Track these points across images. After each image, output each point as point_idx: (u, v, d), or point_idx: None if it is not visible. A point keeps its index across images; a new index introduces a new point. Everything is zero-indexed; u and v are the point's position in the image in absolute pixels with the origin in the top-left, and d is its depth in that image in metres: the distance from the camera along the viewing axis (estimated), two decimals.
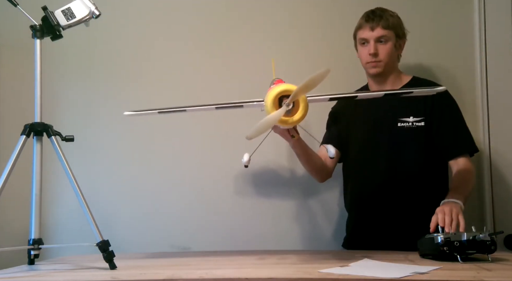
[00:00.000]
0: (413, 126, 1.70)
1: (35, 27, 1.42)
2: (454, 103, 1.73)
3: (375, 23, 1.70)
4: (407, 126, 1.71)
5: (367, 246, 1.69)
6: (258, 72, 2.14)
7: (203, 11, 2.24)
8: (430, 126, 1.70)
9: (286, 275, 1.14)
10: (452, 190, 1.60)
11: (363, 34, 1.73)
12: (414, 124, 1.70)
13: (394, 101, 1.71)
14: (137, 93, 2.22)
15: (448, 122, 1.70)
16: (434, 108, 1.70)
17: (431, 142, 1.70)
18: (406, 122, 1.71)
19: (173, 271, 1.25)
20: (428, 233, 1.38)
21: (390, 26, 1.70)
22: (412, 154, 1.71)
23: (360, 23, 1.76)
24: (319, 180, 1.89)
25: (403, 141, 1.71)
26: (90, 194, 1.47)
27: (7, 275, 1.29)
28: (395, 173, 1.72)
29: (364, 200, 1.79)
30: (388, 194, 1.72)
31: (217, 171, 2.17)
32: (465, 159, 1.68)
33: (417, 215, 1.60)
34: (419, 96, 1.64)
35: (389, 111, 1.73)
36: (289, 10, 2.17)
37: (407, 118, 1.71)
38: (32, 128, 1.40)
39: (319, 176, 1.87)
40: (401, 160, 1.72)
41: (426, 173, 1.72)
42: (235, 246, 2.06)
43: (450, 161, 1.70)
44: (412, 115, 1.71)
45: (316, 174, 1.85)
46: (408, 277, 1.06)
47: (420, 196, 1.69)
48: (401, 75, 1.81)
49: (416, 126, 1.70)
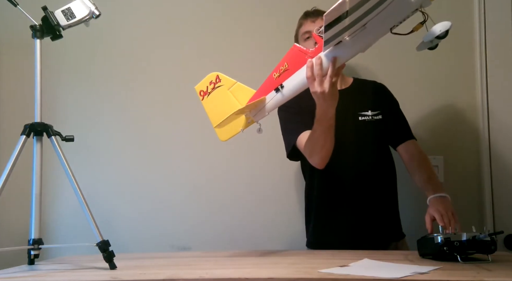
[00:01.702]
0: (372, 119, 1.78)
1: (35, 27, 1.42)
2: (395, 99, 1.88)
3: (315, 17, 1.78)
4: (367, 120, 1.77)
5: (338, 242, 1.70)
6: (259, 71, 2.14)
7: (204, 11, 2.25)
8: (386, 119, 1.79)
9: (286, 275, 1.14)
10: (429, 182, 1.68)
11: (305, 28, 1.79)
12: (373, 118, 1.78)
13: (352, 96, 1.76)
14: (137, 93, 2.23)
15: (396, 114, 1.85)
16: (385, 102, 1.83)
17: (386, 133, 1.80)
18: (366, 115, 1.78)
19: (173, 271, 1.25)
20: (428, 233, 1.39)
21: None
22: (375, 145, 1.78)
23: (300, 22, 1.83)
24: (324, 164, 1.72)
25: (366, 134, 1.76)
26: (90, 194, 1.47)
27: (7, 275, 1.29)
28: (362, 165, 1.75)
29: (335, 194, 1.77)
30: (357, 186, 1.74)
31: (217, 171, 2.17)
32: (415, 141, 1.82)
33: (383, 205, 1.75)
34: (371, 92, 1.84)
35: (349, 105, 1.74)
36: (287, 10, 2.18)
37: (366, 112, 1.78)
38: (32, 128, 1.40)
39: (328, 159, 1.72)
40: (366, 152, 1.76)
41: (386, 163, 1.81)
42: (235, 246, 2.06)
43: (399, 146, 1.81)
44: (370, 109, 1.78)
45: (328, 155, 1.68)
46: (408, 277, 1.06)
47: (383, 186, 1.78)
48: (344, 76, 1.85)
49: (375, 119, 1.78)
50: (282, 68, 1.44)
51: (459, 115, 2.15)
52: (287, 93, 1.44)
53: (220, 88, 1.50)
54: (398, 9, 1.26)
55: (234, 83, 1.50)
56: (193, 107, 2.18)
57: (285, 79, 1.43)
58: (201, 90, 1.53)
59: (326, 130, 1.56)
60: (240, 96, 1.48)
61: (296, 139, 1.73)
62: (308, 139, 1.64)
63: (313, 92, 1.41)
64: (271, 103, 1.46)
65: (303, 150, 1.71)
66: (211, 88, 1.51)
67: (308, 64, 1.39)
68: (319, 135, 1.58)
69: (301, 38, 1.81)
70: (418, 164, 1.76)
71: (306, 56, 1.41)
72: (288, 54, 1.46)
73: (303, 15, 1.84)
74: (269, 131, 1.58)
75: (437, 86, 2.14)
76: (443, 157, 2.12)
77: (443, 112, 2.14)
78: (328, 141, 1.60)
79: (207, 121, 2.16)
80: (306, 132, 1.68)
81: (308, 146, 1.65)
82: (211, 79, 1.51)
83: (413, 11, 1.27)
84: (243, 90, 1.49)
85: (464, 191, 2.09)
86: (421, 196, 1.71)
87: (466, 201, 2.07)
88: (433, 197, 1.61)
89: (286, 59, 1.45)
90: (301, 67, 1.41)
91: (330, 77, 1.37)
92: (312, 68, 1.38)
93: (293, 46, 1.46)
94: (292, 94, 1.45)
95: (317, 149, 1.63)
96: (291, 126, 1.78)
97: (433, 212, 1.53)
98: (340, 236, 1.73)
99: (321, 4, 1.78)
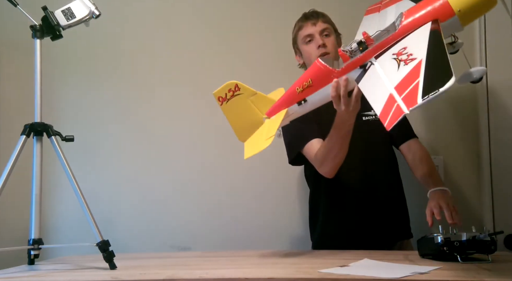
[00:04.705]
0: (376, 119, 1.74)
1: (35, 27, 1.42)
2: None
3: (315, 19, 1.75)
4: (371, 119, 1.76)
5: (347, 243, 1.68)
6: (259, 71, 2.15)
7: (205, 11, 2.25)
8: None
9: (286, 275, 1.14)
10: (430, 176, 1.68)
11: (306, 31, 1.75)
12: (377, 117, 1.74)
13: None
14: (137, 92, 2.23)
15: None
16: None
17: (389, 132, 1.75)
18: (369, 115, 1.76)
19: (173, 271, 1.25)
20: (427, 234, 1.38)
21: (328, 21, 1.77)
22: (380, 144, 1.78)
23: (300, 25, 1.79)
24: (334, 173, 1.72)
25: (370, 134, 1.74)
26: (90, 194, 1.47)
27: (7, 275, 1.29)
28: (370, 165, 1.74)
29: (343, 195, 1.75)
30: (366, 187, 1.73)
31: (217, 171, 2.17)
32: (417, 139, 1.82)
33: (392, 204, 1.75)
34: None
35: None
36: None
37: (369, 111, 1.75)
38: (32, 128, 1.40)
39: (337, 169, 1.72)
40: (372, 151, 1.75)
41: (392, 162, 1.81)
42: (235, 246, 2.06)
43: (402, 144, 1.80)
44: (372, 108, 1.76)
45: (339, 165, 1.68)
46: (408, 277, 1.06)
47: (392, 186, 1.78)
48: None
49: (379, 119, 1.73)
50: (306, 83, 1.43)
51: (459, 115, 2.15)
52: (309, 107, 1.47)
53: (239, 96, 1.50)
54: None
55: (254, 93, 1.51)
56: (193, 107, 2.20)
57: (308, 94, 1.44)
58: (219, 96, 1.52)
59: (343, 137, 1.55)
60: (261, 105, 1.50)
61: (301, 146, 1.72)
62: (323, 146, 1.63)
63: (337, 108, 1.43)
64: (293, 115, 1.49)
65: (312, 158, 1.69)
66: (230, 95, 1.51)
67: (334, 85, 1.38)
68: (335, 142, 1.56)
69: (302, 42, 1.77)
70: (420, 160, 1.75)
71: (332, 75, 1.40)
72: (311, 69, 1.45)
73: (302, 17, 1.80)
74: None
75: None
76: (443, 157, 2.12)
77: (443, 112, 2.14)
78: (343, 149, 1.58)
79: (207, 122, 2.18)
80: (316, 140, 1.68)
81: (321, 154, 1.63)
82: (230, 87, 1.50)
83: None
84: (264, 99, 1.51)
85: (464, 191, 2.09)
86: (421, 196, 1.70)
87: (466, 201, 2.07)
88: (433, 190, 1.61)
89: (310, 75, 1.44)
90: (325, 85, 1.41)
91: (356, 98, 1.38)
92: (337, 89, 1.38)
93: (316, 61, 1.44)
94: (313, 108, 1.48)
95: (331, 157, 1.61)
96: (295, 132, 1.76)
97: (433, 206, 1.52)
98: (350, 236, 1.72)
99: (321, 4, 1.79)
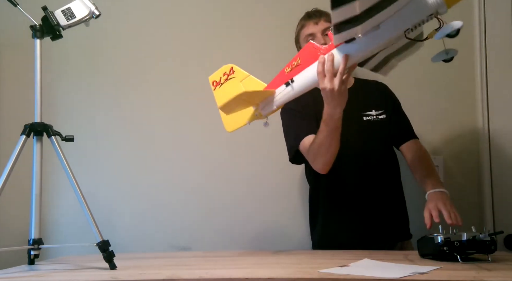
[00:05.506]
0: (377, 119, 1.78)
1: (35, 27, 1.42)
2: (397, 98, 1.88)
3: (317, 18, 1.75)
4: (372, 119, 1.77)
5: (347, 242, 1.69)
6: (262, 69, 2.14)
7: (205, 11, 2.25)
8: (390, 118, 1.79)
9: (286, 275, 1.14)
10: (428, 178, 1.67)
11: (308, 30, 1.76)
12: (378, 117, 1.78)
13: (355, 96, 1.71)
14: (137, 92, 2.23)
15: (399, 114, 1.84)
16: (388, 102, 1.83)
17: (390, 133, 1.80)
18: (370, 115, 1.78)
19: (173, 271, 1.25)
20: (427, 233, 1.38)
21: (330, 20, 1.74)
22: (381, 145, 1.78)
23: (302, 23, 1.80)
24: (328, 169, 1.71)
25: (371, 134, 1.76)
26: (90, 194, 1.47)
27: (7, 275, 1.29)
28: (369, 165, 1.74)
29: (342, 195, 1.76)
30: (365, 187, 1.74)
31: (217, 171, 2.17)
32: (417, 140, 1.82)
33: (391, 204, 1.75)
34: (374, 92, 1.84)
35: (353, 105, 1.67)
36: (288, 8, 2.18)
37: (370, 111, 1.77)
38: (32, 128, 1.40)
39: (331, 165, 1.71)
40: (372, 152, 1.76)
41: (392, 162, 1.81)
42: (235, 246, 2.06)
43: (403, 145, 1.80)
44: (374, 109, 1.78)
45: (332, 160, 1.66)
46: (408, 277, 1.06)
47: (391, 186, 1.79)
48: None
49: (380, 119, 1.78)
50: (294, 63, 1.45)
51: (459, 115, 2.15)
52: (297, 88, 1.44)
53: (232, 80, 1.51)
54: (413, 11, 1.24)
55: (246, 75, 1.51)
56: (193, 108, 2.20)
57: (296, 73, 1.44)
58: (214, 81, 1.54)
59: (332, 132, 1.53)
60: (251, 89, 1.49)
61: (299, 143, 1.71)
62: (313, 141, 1.62)
63: (322, 88, 1.40)
64: (280, 96, 1.46)
65: (306, 154, 1.69)
66: (224, 79, 1.52)
67: (320, 60, 1.39)
68: (324, 137, 1.55)
69: (304, 40, 1.77)
70: (419, 161, 1.75)
71: (319, 52, 1.41)
72: (302, 50, 1.47)
73: (305, 16, 1.81)
74: (270, 131, 1.57)
75: (437, 86, 2.14)
76: (443, 157, 2.12)
77: (443, 112, 2.14)
78: (334, 144, 1.57)
79: (207, 121, 2.18)
80: (310, 136, 1.67)
81: (313, 149, 1.63)
82: (225, 71, 1.52)
83: (429, 16, 1.26)
84: (255, 82, 1.50)
85: (464, 191, 2.09)
86: (423, 197, 1.69)
87: (466, 201, 2.07)
88: (431, 192, 1.61)
89: (299, 55, 1.46)
90: (313, 63, 1.41)
91: (341, 74, 1.37)
92: (323, 64, 1.38)
93: (308, 43, 1.46)
94: (302, 90, 1.45)
95: (322, 152, 1.60)
96: (294, 129, 1.76)
97: (431, 208, 1.52)
98: (350, 237, 1.72)
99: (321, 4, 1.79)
